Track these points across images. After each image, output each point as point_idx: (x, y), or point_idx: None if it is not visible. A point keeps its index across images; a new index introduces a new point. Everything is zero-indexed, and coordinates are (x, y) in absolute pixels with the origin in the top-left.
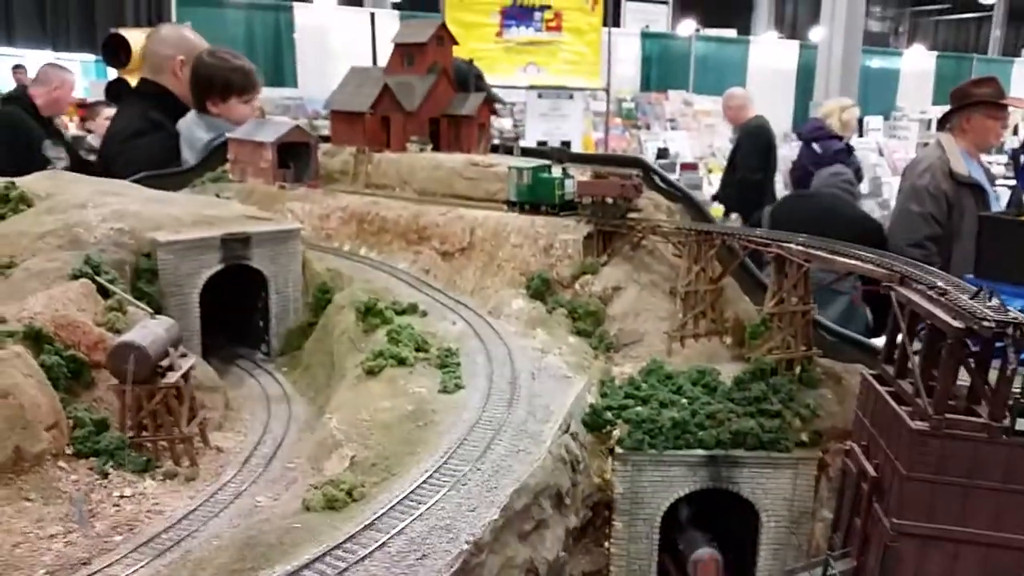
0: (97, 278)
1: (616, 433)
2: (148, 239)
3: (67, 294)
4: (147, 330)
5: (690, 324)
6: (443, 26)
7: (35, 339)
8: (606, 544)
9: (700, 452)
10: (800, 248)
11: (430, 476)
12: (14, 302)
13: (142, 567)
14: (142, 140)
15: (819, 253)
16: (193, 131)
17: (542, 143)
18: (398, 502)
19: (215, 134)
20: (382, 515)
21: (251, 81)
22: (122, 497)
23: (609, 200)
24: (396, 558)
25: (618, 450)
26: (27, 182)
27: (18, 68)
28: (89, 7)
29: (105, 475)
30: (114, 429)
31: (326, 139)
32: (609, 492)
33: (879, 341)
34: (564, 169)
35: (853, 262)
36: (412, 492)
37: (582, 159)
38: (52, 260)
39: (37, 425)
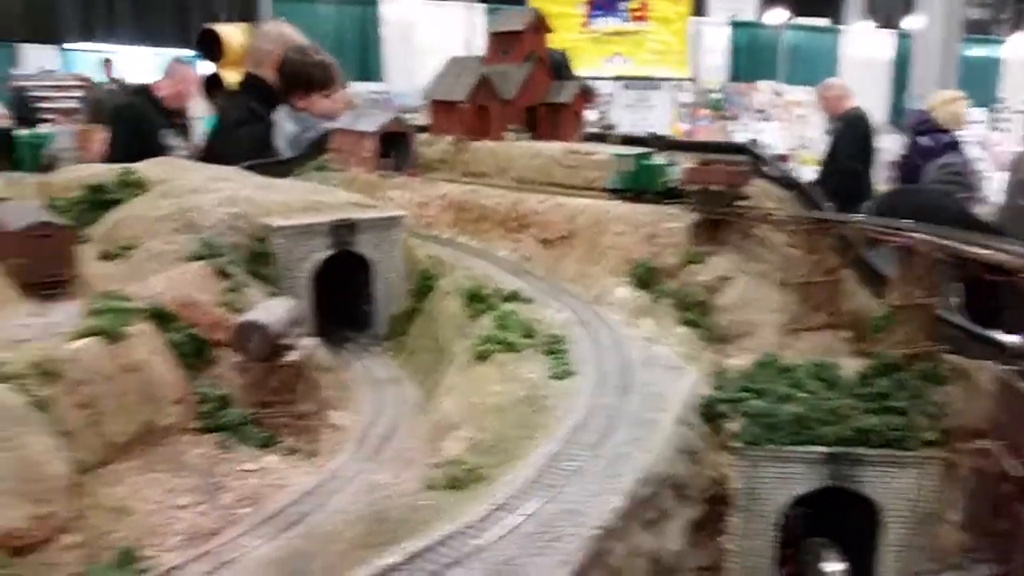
0: (215, 260)
1: (732, 426)
2: (261, 224)
3: (187, 275)
4: (269, 310)
5: (805, 316)
6: (539, 15)
7: (160, 318)
8: (721, 539)
9: (822, 448)
10: (930, 238)
11: (552, 460)
12: (136, 282)
13: (272, 539)
14: (243, 129)
15: (951, 243)
16: (283, 124)
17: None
18: (525, 485)
19: (301, 127)
20: (511, 497)
21: (330, 75)
22: (246, 471)
23: (716, 188)
24: (529, 539)
25: (735, 444)
26: (141, 168)
27: (107, 61)
28: (184, 3)
29: (229, 449)
30: (236, 405)
31: (423, 129)
32: (725, 486)
33: (1009, 337)
34: (667, 156)
35: (988, 252)
36: (537, 475)
37: (683, 147)
38: (170, 243)
39: (165, 399)
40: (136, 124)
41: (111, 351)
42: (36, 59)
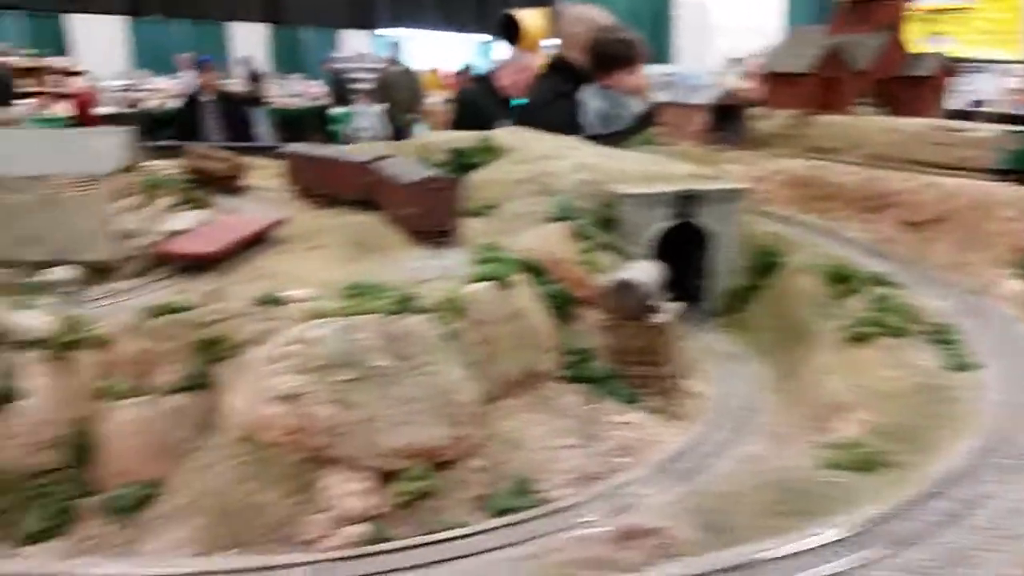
0: (572, 222)
1: None
2: (608, 191)
3: (549, 234)
4: (640, 271)
5: None
6: None
7: (532, 271)
8: None
9: None
10: None
11: (981, 455)
12: (503, 238)
13: (663, 490)
14: (549, 108)
15: None
16: (588, 100)
17: None
18: (955, 476)
19: (609, 104)
20: (942, 486)
21: (633, 52)
22: (616, 423)
23: None
24: (978, 532)
25: None
26: (495, 135)
27: (395, 44)
28: None
29: (594, 401)
30: (599, 360)
31: (753, 103)
32: None
33: None
34: None
35: None
36: (966, 468)
37: None
38: (529, 204)
39: (540, 346)
40: (475, 110)
41: (501, 296)
42: (352, 43)
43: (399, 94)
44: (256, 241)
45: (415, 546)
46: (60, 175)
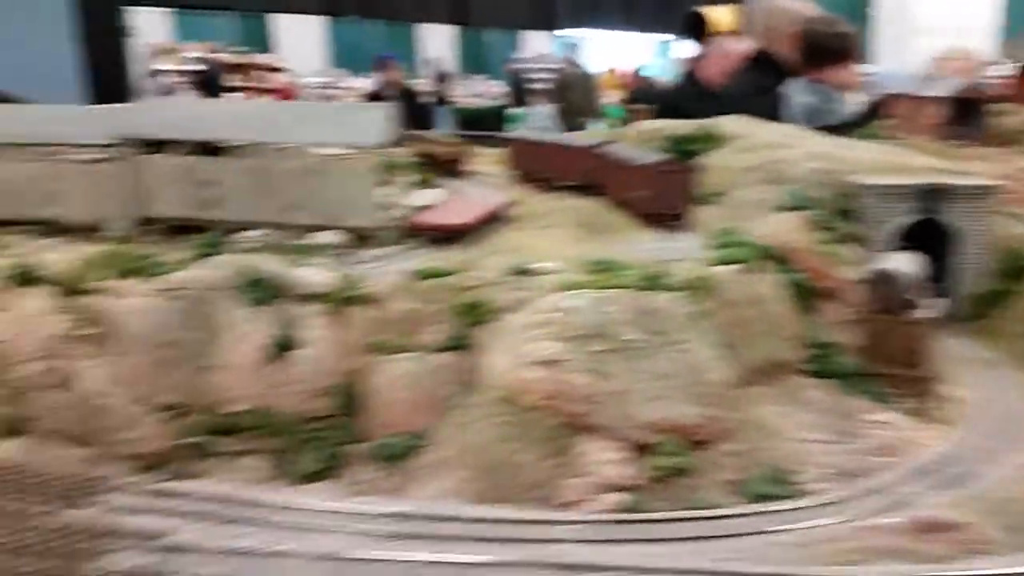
0: (808, 212)
1: None
2: (844, 180)
3: (786, 223)
4: (900, 262)
5: None
6: None
7: (772, 258)
8: None
9: None
10: None
11: None
12: (737, 225)
13: (938, 490)
14: (749, 102)
15: None
16: (795, 95)
17: None
18: None
19: (816, 98)
20: None
21: (848, 46)
22: (871, 422)
23: None
24: None
25: None
26: (717, 123)
27: (573, 46)
28: None
29: (843, 397)
30: (843, 356)
31: (996, 99)
32: None
33: None
34: None
35: None
36: None
37: None
38: (759, 192)
39: (781, 336)
40: (676, 107)
41: (746, 280)
42: (534, 44)
43: (574, 95)
44: (492, 219)
45: (678, 519)
46: (327, 146)
